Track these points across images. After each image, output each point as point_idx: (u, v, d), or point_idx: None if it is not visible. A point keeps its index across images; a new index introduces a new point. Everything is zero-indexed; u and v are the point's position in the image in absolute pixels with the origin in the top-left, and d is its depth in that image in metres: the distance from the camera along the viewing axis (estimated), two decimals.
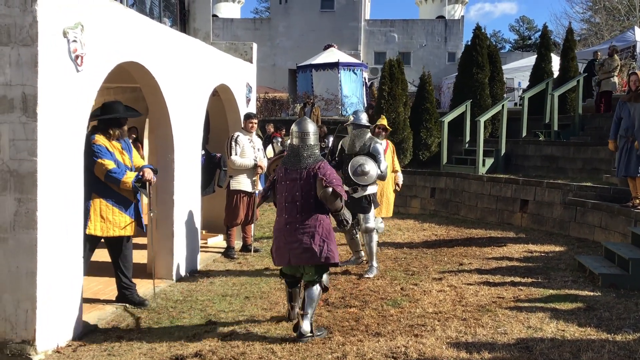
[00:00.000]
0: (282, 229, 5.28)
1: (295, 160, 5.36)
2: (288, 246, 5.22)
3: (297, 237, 5.18)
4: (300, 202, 5.23)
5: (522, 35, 63.10)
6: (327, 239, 5.23)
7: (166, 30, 7.03)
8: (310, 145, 5.38)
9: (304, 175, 5.26)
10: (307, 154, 5.35)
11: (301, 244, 5.16)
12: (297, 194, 5.24)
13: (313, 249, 5.15)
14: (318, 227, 5.22)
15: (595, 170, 11.39)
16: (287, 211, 5.27)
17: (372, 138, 7.57)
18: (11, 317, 4.68)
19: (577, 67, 15.76)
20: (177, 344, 5.01)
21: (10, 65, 4.59)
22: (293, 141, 5.45)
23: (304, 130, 5.39)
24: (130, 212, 5.94)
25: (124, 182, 5.73)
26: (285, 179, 5.33)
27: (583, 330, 5.24)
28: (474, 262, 8.03)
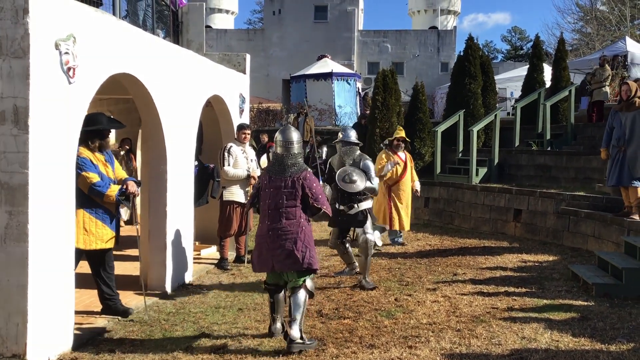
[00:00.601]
0: (265, 235, 5.29)
1: (280, 168, 5.40)
2: (271, 252, 5.23)
3: (280, 243, 5.20)
4: (284, 210, 5.27)
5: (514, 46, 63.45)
6: (308, 245, 5.26)
7: (159, 42, 7.03)
8: (294, 154, 5.42)
9: (289, 184, 5.30)
10: (291, 163, 5.39)
11: (284, 250, 5.18)
12: (280, 201, 5.28)
13: (296, 255, 5.17)
14: (300, 234, 5.24)
15: (588, 180, 11.43)
16: (270, 218, 5.29)
17: (361, 155, 7.48)
18: (2, 331, 4.64)
19: (569, 77, 15.85)
20: (170, 357, 4.97)
21: (1, 77, 4.57)
22: (277, 150, 5.50)
23: (288, 139, 5.43)
24: (113, 225, 5.91)
25: (107, 196, 5.70)
26: (269, 187, 5.36)
27: (577, 340, 5.24)
28: (468, 272, 8.02)
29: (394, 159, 9.82)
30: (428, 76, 34.64)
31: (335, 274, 7.99)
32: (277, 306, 5.43)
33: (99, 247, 5.78)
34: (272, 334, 5.42)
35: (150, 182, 7.18)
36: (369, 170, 7.34)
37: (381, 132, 13.79)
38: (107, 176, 5.83)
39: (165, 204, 7.09)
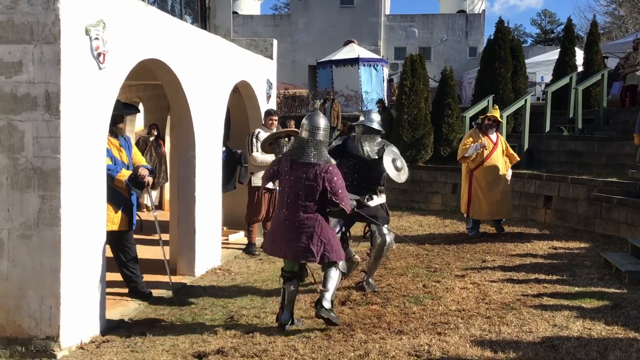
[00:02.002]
0: (281, 223, 5.23)
1: (303, 155, 5.21)
2: (285, 242, 5.19)
3: (296, 235, 5.14)
4: (302, 202, 5.16)
5: (544, 29, 62.31)
6: (324, 239, 5.18)
7: (187, 27, 7.03)
8: (319, 141, 5.24)
9: (310, 176, 5.15)
10: (315, 151, 5.21)
11: (299, 243, 5.13)
12: (300, 192, 5.16)
13: (311, 249, 5.14)
14: (317, 228, 5.16)
15: (620, 166, 11.19)
16: (288, 207, 5.20)
17: (384, 142, 6.56)
18: (35, 314, 4.72)
19: (602, 61, 15.50)
20: (200, 341, 5.02)
21: (33, 63, 4.62)
22: (302, 134, 5.31)
23: (315, 124, 5.27)
24: (125, 209, 5.97)
25: (117, 180, 5.77)
26: (290, 174, 5.22)
27: (610, 328, 5.14)
28: (497, 259, 7.94)
29: (482, 140, 9.11)
30: (456, 61, 34.20)
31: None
32: (288, 296, 5.30)
33: (108, 229, 5.84)
34: (281, 325, 5.23)
35: (179, 167, 7.23)
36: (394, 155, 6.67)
37: (409, 119, 13.68)
38: (120, 160, 5.89)
39: (194, 189, 7.13)
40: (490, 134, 9.25)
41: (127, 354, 4.77)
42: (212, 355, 4.68)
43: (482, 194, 9.18)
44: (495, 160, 9.20)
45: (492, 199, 9.16)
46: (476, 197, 9.22)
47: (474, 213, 9.29)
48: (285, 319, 5.26)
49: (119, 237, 5.97)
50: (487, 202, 9.16)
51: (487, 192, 9.16)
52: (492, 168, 9.19)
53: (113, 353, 4.78)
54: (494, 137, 9.27)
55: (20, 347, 4.70)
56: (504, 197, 9.23)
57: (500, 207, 9.24)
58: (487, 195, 9.16)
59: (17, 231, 4.71)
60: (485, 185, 9.17)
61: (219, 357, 4.64)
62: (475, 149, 9.10)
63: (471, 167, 9.27)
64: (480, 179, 9.20)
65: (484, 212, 9.25)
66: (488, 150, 9.16)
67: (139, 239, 7.98)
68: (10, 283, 4.73)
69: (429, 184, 13.31)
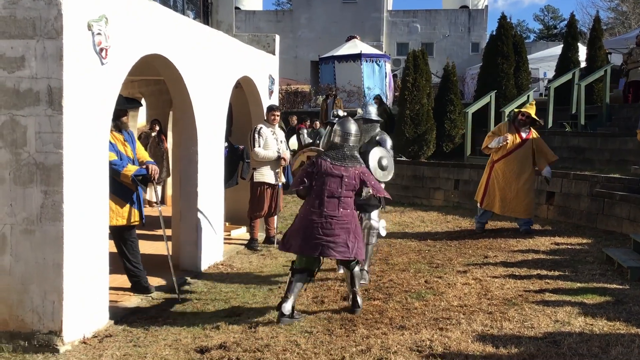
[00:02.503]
0: (318, 220, 5.38)
1: (339, 157, 5.54)
2: (324, 238, 5.33)
3: (336, 231, 5.36)
4: (343, 199, 5.44)
5: (547, 25, 62.13)
6: (358, 237, 5.53)
7: (189, 23, 7.03)
8: (352, 146, 5.62)
9: (351, 175, 5.49)
10: (350, 154, 5.58)
11: (337, 238, 5.35)
12: (339, 190, 5.44)
13: (348, 245, 5.38)
14: (352, 224, 5.49)
15: (623, 162, 11.17)
16: (327, 205, 5.40)
17: (381, 132, 7.01)
18: (38, 308, 4.74)
19: (605, 57, 15.47)
20: (202, 336, 5.03)
21: (35, 58, 4.62)
22: (335, 139, 5.64)
23: (347, 131, 5.62)
24: (134, 203, 6.01)
25: (124, 175, 5.78)
26: (330, 174, 5.46)
27: (612, 324, 5.15)
28: (499, 254, 7.94)
29: (507, 135, 9.01)
30: (458, 57, 34.10)
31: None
32: (294, 288, 5.40)
33: (119, 224, 5.87)
34: (282, 314, 5.27)
35: (181, 163, 7.24)
36: (385, 144, 6.85)
37: (411, 114, 13.66)
38: (125, 155, 5.91)
39: (196, 184, 7.14)
40: (522, 131, 9.12)
41: (130, 348, 4.79)
42: (214, 350, 4.69)
43: (498, 188, 9.16)
44: (519, 157, 9.08)
45: (506, 195, 9.10)
46: (492, 189, 9.21)
47: (487, 204, 9.29)
48: (288, 309, 5.30)
49: (122, 232, 5.99)
50: (500, 197, 9.13)
51: (502, 187, 9.12)
52: (513, 164, 9.09)
53: (116, 348, 4.79)
54: (524, 134, 9.12)
55: (23, 342, 4.71)
56: (520, 195, 9.08)
57: (515, 204, 9.13)
58: (502, 189, 9.12)
59: (20, 226, 4.72)
60: (502, 180, 9.14)
61: (222, 351, 4.65)
62: (498, 143, 9.07)
63: (494, 158, 9.25)
64: (499, 172, 9.17)
65: (496, 206, 9.22)
66: (513, 146, 9.06)
67: (141, 234, 8.00)
68: (13, 278, 4.74)
69: (431, 179, 13.29)
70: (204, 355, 4.62)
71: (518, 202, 9.13)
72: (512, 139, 9.12)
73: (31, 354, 4.65)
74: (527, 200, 9.18)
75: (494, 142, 9.13)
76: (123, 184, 5.86)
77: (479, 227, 9.51)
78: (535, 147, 9.18)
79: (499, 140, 9.08)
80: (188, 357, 4.59)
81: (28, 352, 4.66)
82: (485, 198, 9.28)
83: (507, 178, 9.11)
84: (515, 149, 9.11)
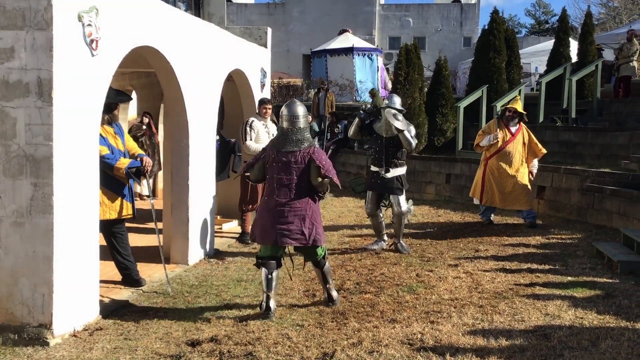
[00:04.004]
0: (272, 209, 5.32)
1: (286, 143, 5.39)
2: (276, 227, 5.27)
3: (289, 219, 5.27)
4: (293, 185, 5.32)
5: (539, 20, 62.28)
6: (315, 222, 5.37)
7: (181, 15, 6.98)
8: (300, 128, 5.41)
9: (299, 159, 5.33)
10: (298, 138, 5.38)
11: (291, 226, 5.26)
12: (289, 177, 5.32)
13: (303, 232, 5.28)
14: (308, 211, 5.34)
15: (613, 157, 11.23)
16: (279, 193, 5.33)
17: (406, 122, 7.84)
18: (28, 301, 4.71)
19: (596, 52, 15.52)
20: (193, 329, 5.02)
21: (25, 49, 4.57)
22: (283, 124, 5.47)
23: (294, 114, 5.43)
24: (127, 197, 5.99)
25: (117, 168, 5.76)
26: (278, 161, 5.36)
27: (602, 318, 5.18)
28: (490, 248, 7.97)
29: (497, 132, 9.16)
30: (450, 51, 34.13)
31: (366, 247, 8.01)
32: (273, 283, 5.34)
33: (112, 217, 5.84)
34: (267, 315, 5.22)
35: (173, 156, 7.21)
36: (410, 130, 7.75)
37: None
38: (117, 148, 5.88)
39: (187, 177, 7.11)
40: (512, 126, 9.24)
41: (120, 341, 4.77)
42: (205, 343, 4.68)
43: (495, 183, 9.24)
44: (511, 151, 9.17)
45: (504, 188, 9.18)
46: (489, 185, 9.28)
47: (486, 200, 9.37)
48: (273, 305, 5.31)
49: (112, 225, 5.96)
50: (500, 191, 9.21)
51: (499, 181, 9.21)
52: (506, 159, 9.17)
53: (106, 341, 4.77)
54: (514, 129, 9.24)
55: (13, 335, 4.68)
56: (517, 189, 9.13)
57: (514, 197, 9.19)
58: (499, 184, 9.20)
59: (10, 218, 4.68)
60: (497, 175, 9.21)
61: (213, 345, 4.64)
62: (488, 141, 9.20)
63: (487, 155, 9.34)
64: (494, 168, 9.26)
65: (497, 200, 9.30)
66: (503, 141, 9.17)
67: (133, 227, 7.98)
68: (2, 270, 4.71)
69: (422, 174, 13.31)
70: (195, 348, 4.61)
71: (517, 194, 9.19)
72: (502, 135, 9.20)
73: (21, 347, 4.62)
74: (526, 192, 9.24)
75: (485, 140, 9.25)
76: (114, 177, 5.83)
77: (485, 220, 9.70)
78: (525, 141, 9.26)
79: (489, 139, 9.20)
80: (179, 350, 4.58)
81: (18, 345, 4.63)
82: (484, 195, 9.36)
83: (502, 173, 9.18)
84: (507, 144, 9.19)
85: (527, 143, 9.25)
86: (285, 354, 4.47)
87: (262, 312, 5.30)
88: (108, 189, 5.79)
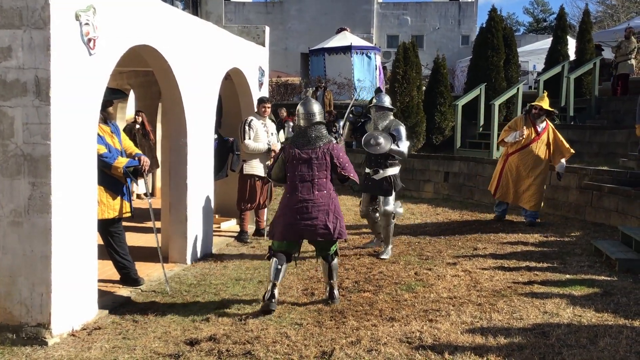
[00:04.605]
0: (295, 206, 5.43)
1: (305, 140, 5.56)
2: (302, 223, 5.38)
3: (313, 214, 5.40)
4: (316, 182, 5.47)
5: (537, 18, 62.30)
6: (339, 216, 5.54)
7: (178, 14, 6.97)
8: (317, 125, 5.60)
9: (320, 155, 5.49)
10: (316, 135, 5.57)
11: (315, 221, 5.40)
12: (311, 173, 5.47)
13: (328, 226, 5.41)
14: (331, 205, 5.50)
15: (611, 154, 11.25)
16: (302, 190, 5.45)
17: (394, 120, 7.55)
18: (26, 301, 4.70)
19: (594, 50, 15.53)
20: (192, 328, 5.01)
21: (22, 48, 4.56)
22: (300, 122, 5.65)
23: (310, 111, 5.61)
24: (125, 196, 5.99)
25: (115, 167, 5.75)
26: (299, 159, 5.49)
27: (600, 315, 5.18)
28: (489, 246, 7.97)
29: (523, 129, 9.11)
30: (448, 49, 34.17)
31: (364, 245, 8.02)
32: (281, 274, 5.45)
33: (111, 216, 5.83)
34: (268, 307, 5.29)
35: (171, 155, 7.20)
36: (400, 134, 7.39)
37: (401, 107, 13.66)
38: (114, 147, 5.87)
39: (186, 176, 7.10)
40: (538, 124, 9.18)
41: (119, 340, 4.76)
42: (204, 342, 4.68)
43: (511, 180, 9.28)
44: (533, 151, 9.14)
45: (519, 187, 9.22)
46: (505, 181, 9.33)
47: (500, 194, 9.44)
48: (276, 294, 5.38)
49: (109, 224, 5.95)
50: (514, 188, 9.26)
51: (515, 180, 9.25)
52: (527, 158, 9.16)
53: (105, 340, 4.77)
54: (540, 127, 9.17)
55: (11, 334, 4.68)
56: (532, 188, 9.14)
57: (528, 197, 9.19)
58: (516, 182, 9.25)
59: (8, 218, 4.68)
60: (515, 173, 9.25)
61: (211, 344, 4.64)
62: (514, 138, 9.17)
63: (509, 151, 9.34)
64: (513, 165, 9.28)
65: (510, 196, 9.35)
66: (528, 140, 9.14)
67: (131, 226, 7.97)
68: (0, 270, 4.70)
69: (421, 172, 13.32)
70: (193, 347, 4.60)
71: (529, 194, 9.21)
72: (527, 133, 9.16)
73: (19, 346, 4.61)
74: (538, 194, 9.22)
75: (510, 136, 9.22)
76: (113, 177, 5.82)
77: (497, 216, 9.77)
78: (551, 141, 9.21)
79: (515, 135, 9.16)
80: (177, 349, 4.58)
81: (16, 345, 4.62)
82: (499, 189, 9.43)
83: (520, 171, 9.21)
84: (530, 143, 9.17)
85: (552, 143, 9.20)
86: (284, 352, 4.47)
87: (264, 301, 5.36)
88: (107, 188, 5.78)
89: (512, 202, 9.49)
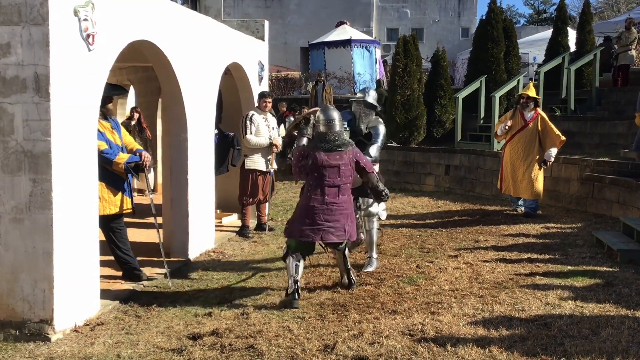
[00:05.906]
0: (320, 207, 5.54)
1: (329, 146, 5.64)
2: (325, 224, 5.51)
3: (336, 217, 5.56)
4: (341, 187, 5.63)
5: (537, 9, 62.06)
6: (353, 220, 5.75)
7: (177, 8, 6.95)
8: (338, 131, 5.72)
9: (346, 162, 5.64)
10: (340, 141, 5.68)
11: (337, 224, 5.56)
12: (338, 178, 5.61)
13: (345, 228, 5.61)
14: (350, 209, 5.70)
15: (612, 146, 11.23)
16: (328, 193, 5.57)
17: (377, 119, 6.99)
18: (29, 297, 4.71)
19: (594, 41, 15.49)
20: (194, 322, 5.03)
21: (21, 45, 4.56)
22: (320, 128, 5.76)
23: (330, 117, 5.72)
24: (126, 192, 6.00)
25: (116, 163, 5.75)
26: (327, 165, 5.58)
27: (602, 306, 5.19)
28: (490, 239, 7.97)
29: (507, 121, 9.29)
30: (448, 42, 34.08)
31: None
32: (300, 270, 5.53)
33: (112, 212, 5.84)
34: (291, 303, 5.33)
35: (171, 150, 7.19)
36: (377, 136, 6.86)
37: (402, 100, 13.65)
38: (114, 143, 5.87)
39: (187, 172, 7.10)
40: (527, 112, 9.26)
41: (122, 336, 4.78)
42: (206, 336, 4.69)
43: (508, 171, 9.40)
44: (523, 140, 9.21)
45: (516, 177, 9.31)
46: (505, 173, 9.47)
47: (505, 187, 9.56)
48: (300, 295, 5.45)
49: (110, 220, 5.95)
50: (512, 179, 9.35)
51: (511, 170, 9.35)
52: (517, 147, 9.27)
53: (107, 335, 4.78)
54: (529, 116, 9.23)
55: (14, 331, 4.69)
56: (526, 177, 9.18)
57: (524, 187, 9.23)
58: (513, 173, 9.34)
59: (9, 215, 4.68)
60: (509, 163, 9.37)
61: (214, 338, 4.65)
62: (501, 130, 9.39)
63: (506, 140, 9.52)
64: (507, 156, 9.44)
65: (510, 188, 9.45)
66: (515, 129, 9.26)
67: (133, 222, 7.97)
68: (2, 267, 4.71)
69: (422, 165, 13.31)
70: (196, 341, 4.61)
71: (526, 183, 9.25)
72: (512, 123, 9.29)
73: (22, 342, 4.63)
74: (534, 182, 9.23)
75: (499, 129, 9.46)
76: (114, 173, 5.82)
77: (513, 208, 9.83)
78: (540, 129, 9.24)
79: (501, 128, 9.39)
80: (180, 343, 4.59)
81: (19, 341, 4.64)
82: (503, 183, 9.55)
83: (513, 161, 9.32)
84: (518, 132, 9.28)
85: (542, 130, 9.24)
86: (287, 346, 4.48)
87: (287, 297, 5.42)
88: (108, 184, 5.79)
89: (513, 194, 9.51)
